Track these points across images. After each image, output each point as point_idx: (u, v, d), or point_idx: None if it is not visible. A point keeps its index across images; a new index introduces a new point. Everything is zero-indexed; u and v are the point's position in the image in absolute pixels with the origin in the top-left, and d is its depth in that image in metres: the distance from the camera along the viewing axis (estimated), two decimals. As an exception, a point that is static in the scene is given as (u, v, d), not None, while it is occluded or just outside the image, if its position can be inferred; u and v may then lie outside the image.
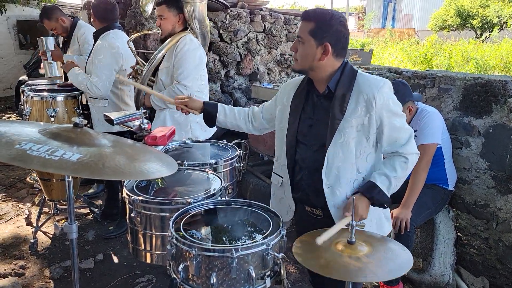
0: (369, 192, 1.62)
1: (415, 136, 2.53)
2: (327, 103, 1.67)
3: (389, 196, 1.65)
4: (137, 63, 3.05)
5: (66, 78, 3.51)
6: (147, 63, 2.82)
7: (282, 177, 1.84)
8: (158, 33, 2.82)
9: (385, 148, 1.68)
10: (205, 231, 1.56)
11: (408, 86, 2.59)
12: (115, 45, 3.03)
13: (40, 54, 3.59)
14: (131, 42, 2.98)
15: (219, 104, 2.00)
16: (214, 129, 2.96)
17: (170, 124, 2.75)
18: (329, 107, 1.65)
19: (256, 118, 2.00)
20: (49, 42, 3.50)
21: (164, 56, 2.77)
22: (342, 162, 1.63)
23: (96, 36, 3.17)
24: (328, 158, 1.64)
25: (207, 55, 3.27)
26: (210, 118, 1.99)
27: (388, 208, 1.86)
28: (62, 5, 8.06)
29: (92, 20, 3.21)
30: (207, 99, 2.90)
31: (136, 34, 3.05)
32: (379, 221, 1.78)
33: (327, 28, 1.58)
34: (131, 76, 2.98)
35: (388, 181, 1.63)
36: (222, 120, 1.99)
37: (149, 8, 3.34)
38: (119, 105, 3.25)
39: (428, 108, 2.62)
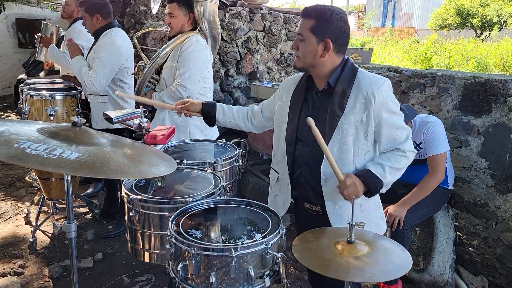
0: (362, 174, 1.60)
1: (422, 148, 2.53)
2: (326, 100, 1.66)
3: (383, 184, 1.62)
4: (140, 59, 3.03)
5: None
6: (149, 60, 2.79)
7: (278, 173, 1.84)
8: (166, 31, 2.79)
9: (384, 146, 1.67)
10: (214, 234, 1.55)
11: (414, 110, 2.60)
12: (117, 43, 3.02)
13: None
14: (134, 38, 2.96)
15: (217, 103, 2.01)
16: (216, 134, 2.94)
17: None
18: (328, 103, 1.65)
19: (255, 116, 2.00)
20: (47, 28, 3.47)
21: (169, 55, 2.73)
22: (338, 158, 1.63)
23: (97, 35, 3.15)
24: None
25: (215, 56, 3.22)
26: (209, 117, 2.01)
27: (382, 208, 1.86)
28: (60, 3, 8.04)
29: (84, 19, 3.16)
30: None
31: (143, 31, 3.02)
32: (377, 221, 1.78)
33: (327, 25, 1.57)
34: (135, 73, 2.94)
35: (382, 168, 1.61)
36: (221, 119, 2.00)
37: (157, 5, 3.32)
38: (118, 102, 3.23)
39: (429, 118, 2.58)
